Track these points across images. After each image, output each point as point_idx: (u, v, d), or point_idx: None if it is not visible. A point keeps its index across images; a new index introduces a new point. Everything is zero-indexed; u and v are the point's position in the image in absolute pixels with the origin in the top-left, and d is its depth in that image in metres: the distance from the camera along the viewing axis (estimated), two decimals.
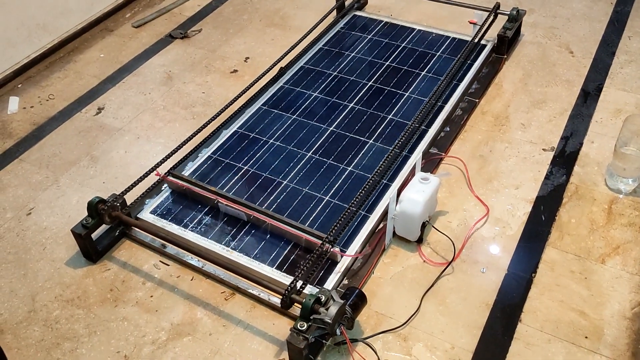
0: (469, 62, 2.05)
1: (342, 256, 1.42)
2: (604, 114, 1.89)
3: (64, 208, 1.71)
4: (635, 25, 2.25)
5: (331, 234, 1.41)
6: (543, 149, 1.78)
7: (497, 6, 2.14)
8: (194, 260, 1.51)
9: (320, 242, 1.39)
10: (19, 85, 2.21)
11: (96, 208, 1.49)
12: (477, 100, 1.96)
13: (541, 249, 1.50)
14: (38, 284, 1.51)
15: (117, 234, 1.58)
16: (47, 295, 1.48)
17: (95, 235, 1.54)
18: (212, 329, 1.38)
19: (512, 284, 1.43)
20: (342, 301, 1.24)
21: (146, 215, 1.61)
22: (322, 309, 1.22)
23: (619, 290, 1.40)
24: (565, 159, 1.75)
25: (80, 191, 1.76)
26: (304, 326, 1.22)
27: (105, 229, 1.58)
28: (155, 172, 1.62)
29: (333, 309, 1.21)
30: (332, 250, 1.39)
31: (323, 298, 1.23)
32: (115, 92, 2.14)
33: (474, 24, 2.11)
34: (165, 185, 1.68)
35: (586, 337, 1.31)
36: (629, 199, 1.61)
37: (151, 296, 1.46)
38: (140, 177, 1.62)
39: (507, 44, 2.10)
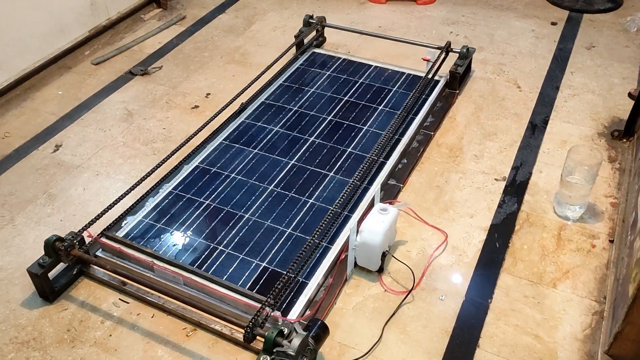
0: (423, 96, 2.13)
1: (283, 320, 1.35)
2: (551, 144, 1.99)
3: (20, 247, 1.67)
4: (577, 62, 2.40)
5: (271, 296, 1.35)
6: (495, 179, 1.86)
7: (449, 45, 2.25)
8: (154, 297, 1.49)
9: (260, 305, 1.33)
10: None
11: (53, 246, 1.47)
12: (432, 133, 2.03)
13: (496, 275, 1.55)
14: None
15: (75, 272, 1.55)
16: (1, 338, 1.43)
17: (52, 274, 1.51)
18: None
19: (469, 310, 1.47)
20: (304, 333, 1.25)
21: (105, 252, 1.59)
22: (285, 342, 1.22)
23: (570, 313, 1.45)
24: (516, 188, 1.83)
25: (37, 230, 1.72)
26: None
27: (62, 268, 1.55)
28: (86, 232, 1.54)
29: (296, 341, 1.22)
30: (272, 314, 1.34)
31: (286, 330, 1.24)
32: (74, 129, 2.13)
33: (427, 60, 2.21)
34: (126, 221, 1.67)
35: None
36: (576, 225, 1.69)
37: (110, 335, 1.43)
38: (99, 214, 1.60)
39: (458, 79, 2.21)
